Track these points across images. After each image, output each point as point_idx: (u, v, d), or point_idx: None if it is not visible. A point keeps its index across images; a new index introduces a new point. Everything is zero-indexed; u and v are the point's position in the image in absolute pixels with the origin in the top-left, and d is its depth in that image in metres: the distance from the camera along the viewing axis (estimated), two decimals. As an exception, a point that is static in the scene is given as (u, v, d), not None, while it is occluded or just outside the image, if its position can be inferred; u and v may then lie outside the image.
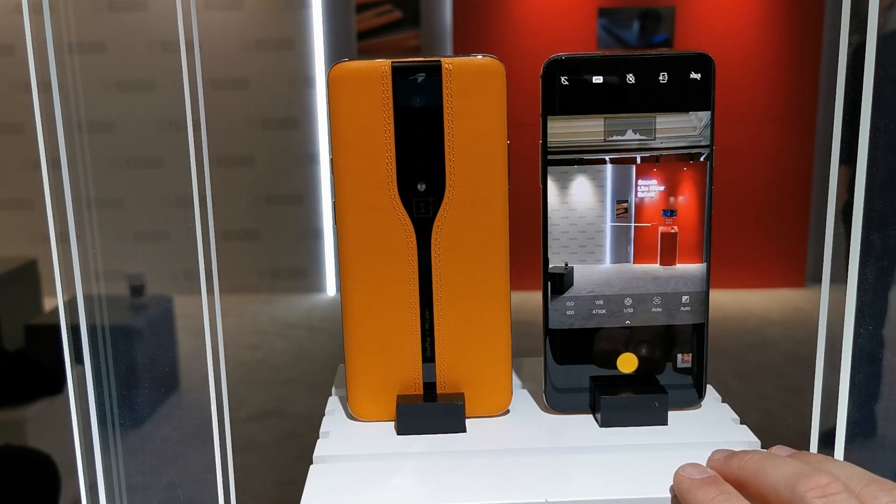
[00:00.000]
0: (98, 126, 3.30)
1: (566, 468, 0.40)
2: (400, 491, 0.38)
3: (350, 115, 0.41)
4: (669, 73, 0.41)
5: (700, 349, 0.44)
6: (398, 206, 0.42)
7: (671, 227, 0.43)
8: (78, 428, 0.57)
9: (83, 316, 0.57)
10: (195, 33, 0.53)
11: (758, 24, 3.53)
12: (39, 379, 1.88)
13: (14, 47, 3.35)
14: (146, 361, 1.37)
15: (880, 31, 0.48)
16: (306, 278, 3.79)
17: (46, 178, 0.53)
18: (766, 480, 0.32)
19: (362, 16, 3.69)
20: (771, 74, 3.54)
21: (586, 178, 0.42)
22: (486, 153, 0.41)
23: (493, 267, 0.43)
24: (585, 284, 0.43)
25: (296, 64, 3.63)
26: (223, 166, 3.57)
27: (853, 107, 0.50)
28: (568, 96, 0.41)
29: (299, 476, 0.39)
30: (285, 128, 3.66)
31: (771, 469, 0.32)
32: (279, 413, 2.48)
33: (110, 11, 3.49)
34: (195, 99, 0.53)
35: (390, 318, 0.43)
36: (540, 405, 0.46)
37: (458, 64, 0.41)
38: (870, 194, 0.51)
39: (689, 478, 0.35)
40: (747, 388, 2.60)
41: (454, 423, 0.43)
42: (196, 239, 0.54)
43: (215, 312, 0.56)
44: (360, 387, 0.44)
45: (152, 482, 1.28)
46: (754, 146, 3.56)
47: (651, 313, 0.44)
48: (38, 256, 2.47)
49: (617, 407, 0.43)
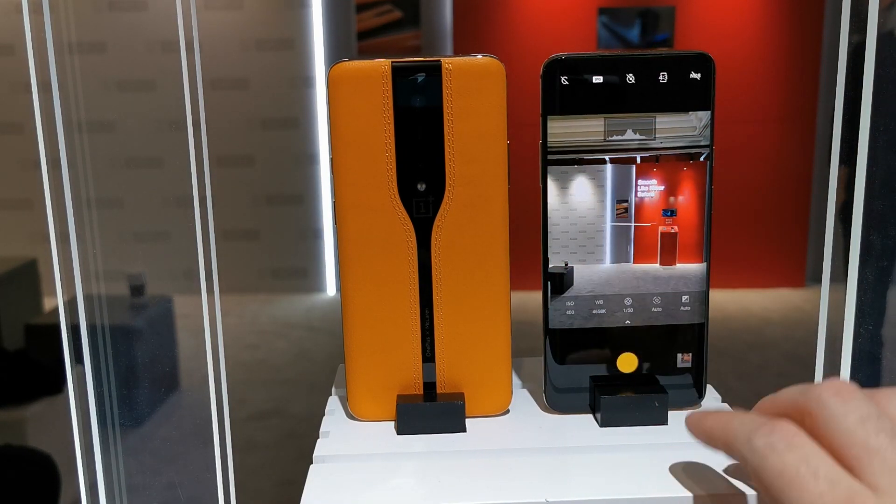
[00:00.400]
0: (98, 126, 3.30)
1: (566, 468, 0.40)
2: (400, 491, 0.38)
3: (350, 114, 0.41)
4: (669, 72, 0.41)
5: (700, 349, 0.44)
6: (398, 206, 0.42)
7: (671, 226, 0.43)
8: (78, 428, 0.57)
9: (83, 316, 0.57)
10: (195, 33, 0.53)
11: (758, 24, 3.53)
12: (39, 379, 1.88)
13: (14, 47, 3.35)
14: (146, 361, 1.38)
15: (880, 30, 0.48)
16: (306, 278, 3.79)
17: (46, 178, 0.53)
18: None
19: (362, 16, 3.69)
20: (771, 74, 3.54)
21: (586, 178, 0.42)
22: (486, 153, 0.41)
23: (493, 267, 0.43)
24: (585, 284, 0.43)
25: (296, 64, 3.63)
26: (223, 166, 3.57)
27: (853, 107, 0.50)
28: (568, 96, 0.41)
29: (299, 476, 0.39)
30: (285, 128, 3.66)
31: None
32: (279, 413, 2.48)
33: (110, 11, 3.49)
34: (195, 99, 0.53)
35: (390, 318, 0.43)
36: (540, 405, 0.46)
37: (458, 64, 0.41)
38: (869, 194, 0.51)
39: (697, 414, 0.35)
40: (747, 388, 2.60)
41: (454, 422, 0.43)
42: (196, 239, 0.54)
43: (215, 312, 0.56)
44: (360, 387, 0.44)
45: (152, 482, 1.28)
46: (754, 146, 3.56)
47: (651, 313, 0.44)
48: (38, 256, 2.47)
49: (617, 407, 0.43)
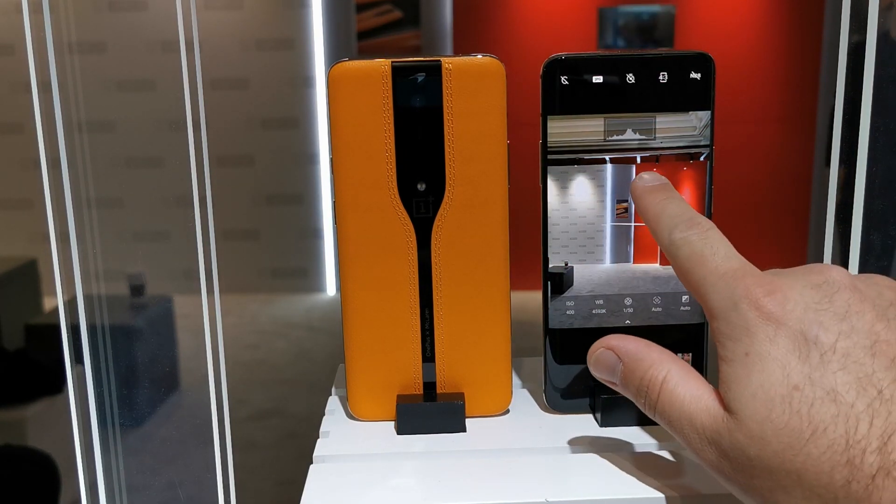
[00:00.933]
0: (98, 126, 3.30)
1: (566, 468, 0.40)
2: (400, 491, 0.38)
3: (350, 114, 0.41)
4: (669, 72, 0.41)
5: (700, 349, 0.44)
6: (398, 206, 0.42)
7: (671, 226, 0.43)
8: (78, 428, 0.57)
9: (83, 316, 0.57)
10: (195, 33, 0.53)
11: (758, 24, 3.53)
12: (39, 379, 1.88)
13: (14, 47, 3.35)
14: (146, 361, 1.38)
15: (880, 30, 0.48)
16: (306, 278, 3.79)
17: (46, 177, 0.53)
18: None
19: (362, 15, 3.69)
20: (771, 74, 3.54)
21: (586, 178, 0.42)
22: (486, 153, 0.41)
23: (493, 267, 0.43)
24: (585, 284, 0.43)
25: (296, 64, 3.63)
26: (223, 166, 3.57)
27: (853, 107, 0.50)
28: (568, 96, 0.41)
29: (299, 476, 0.39)
30: (285, 128, 3.66)
31: None
32: (279, 413, 2.48)
33: (110, 11, 3.49)
34: (195, 99, 0.53)
35: (390, 318, 0.43)
36: (540, 405, 0.46)
37: (458, 64, 0.41)
38: (870, 194, 0.51)
39: (641, 185, 0.38)
40: (747, 388, 2.60)
41: (454, 422, 0.43)
42: (196, 239, 0.54)
43: (215, 312, 0.56)
44: (360, 386, 0.44)
45: (152, 482, 1.28)
46: (754, 146, 3.56)
47: (651, 313, 0.44)
48: (38, 256, 2.47)
49: (617, 407, 0.43)
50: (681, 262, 0.34)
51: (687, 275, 0.34)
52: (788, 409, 0.29)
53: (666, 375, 0.34)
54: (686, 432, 0.33)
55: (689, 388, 0.33)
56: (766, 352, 0.30)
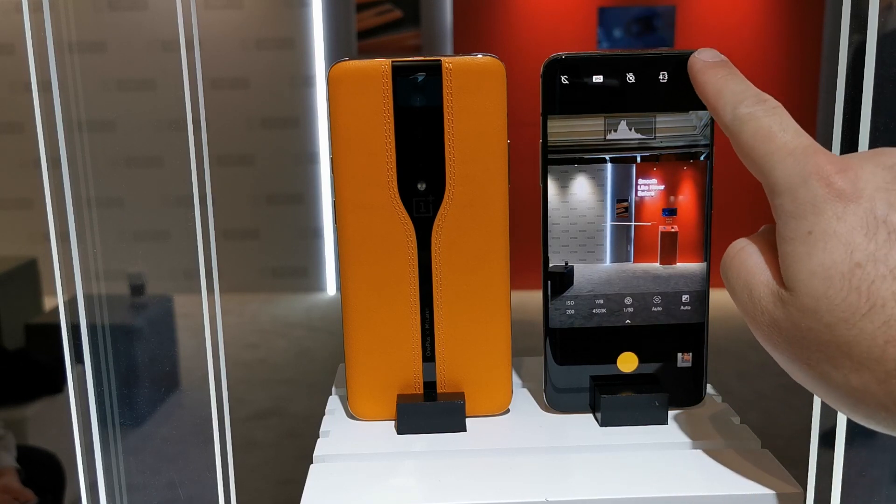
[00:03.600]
0: (98, 125, 3.30)
1: (566, 468, 0.40)
2: (400, 490, 0.38)
3: (350, 114, 0.41)
4: (669, 72, 0.41)
5: (700, 348, 0.44)
6: (398, 206, 0.42)
7: (671, 226, 0.43)
8: (78, 427, 0.57)
9: (83, 315, 0.57)
10: (195, 32, 0.53)
11: (758, 24, 3.53)
12: (39, 378, 1.88)
13: (14, 47, 3.35)
14: (146, 361, 1.38)
15: (880, 30, 0.48)
16: (306, 277, 3.79)
17: (46, 177, 0.53)
18: None
19: (362, 15, 3.69)
20: (771, 74, 3.54)
21: (586, 178, 0.42)
22: (486, 153, 0.41)
23: (493, 266, 0.43)
24: (585, 284, 0.43)
25: (296, 63, 3.63)
26: (223, 166, 3.57)
27: (853, 107, 0.50)
28: (568, 96, 0.41)
29: (299, 475, 0.39)
30: (285, 127, 3.66)
31: None
32: (279, 412, 2.48)
33: (110, 11, 3.49)
34: (195, 98, 0.53)
35: (390, 318, 0.43)
36: (540, 405, 0.46)
37: (459, 63, 0.41)
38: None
39: (702, 59, 0.37)
40: (747, 388, 2.60)
41: (454, 422, 0.43)
42: (196, 238, 0.54)
43: (215, 312, 0.56)
44: (361, 386, 0.44)
45: (152, 481, 1.28)
46: (754, 146, 3.56)
47: (651, 312, 0.44)
48: (38, 256, 2.47)
49: (617, 406, 0.43)
50: (745, 137, 0.34)
51: (751, 151, 0.33)
52: (847, 286, 0.29)
53: (745, 246, 0.34)
54: (743, 300, 0.33)
55: (757, 260, 0.33)
56: (831, 229, 0.30)
